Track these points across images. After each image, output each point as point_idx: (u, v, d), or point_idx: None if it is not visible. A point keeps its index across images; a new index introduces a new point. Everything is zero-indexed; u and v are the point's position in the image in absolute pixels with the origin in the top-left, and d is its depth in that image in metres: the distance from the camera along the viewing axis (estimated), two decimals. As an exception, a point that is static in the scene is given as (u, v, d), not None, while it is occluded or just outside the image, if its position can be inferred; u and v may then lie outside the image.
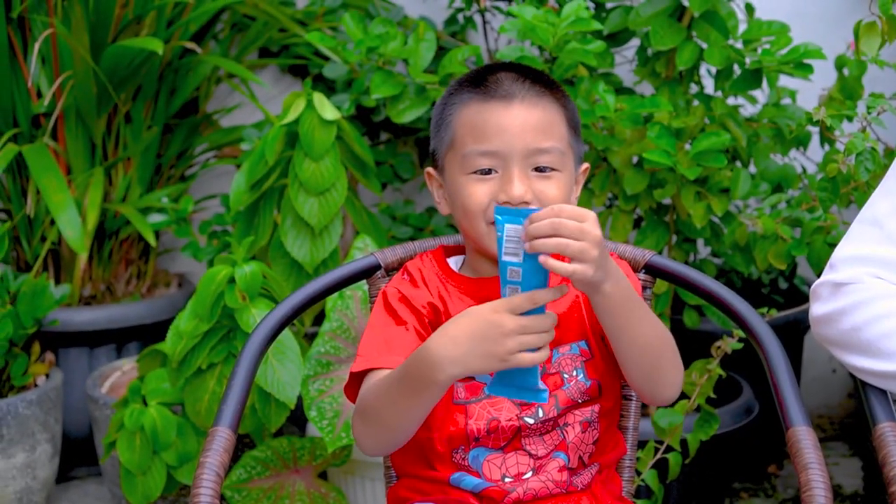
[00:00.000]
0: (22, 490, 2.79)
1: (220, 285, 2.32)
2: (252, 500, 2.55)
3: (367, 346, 1.63)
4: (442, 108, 1.68)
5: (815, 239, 2.38)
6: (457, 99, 1.65)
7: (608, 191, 2.58)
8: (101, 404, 2.80)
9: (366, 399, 1.58)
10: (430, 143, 1.71)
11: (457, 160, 1.63)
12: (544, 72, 1.70)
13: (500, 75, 1.64)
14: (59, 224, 2.89)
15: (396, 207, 3.17)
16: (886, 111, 2.18)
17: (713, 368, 2.39)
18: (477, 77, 1.65)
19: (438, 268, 1.69)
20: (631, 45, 2.80)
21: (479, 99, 1.62)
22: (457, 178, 1.63)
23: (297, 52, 3.33)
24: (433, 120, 1.70)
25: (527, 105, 1.61)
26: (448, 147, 1.65)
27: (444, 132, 1.66)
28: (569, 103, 1.67)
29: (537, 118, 1.60)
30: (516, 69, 1.66)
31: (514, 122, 1.60)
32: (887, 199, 1.72)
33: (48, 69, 3.11)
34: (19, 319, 2.81)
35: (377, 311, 1.66)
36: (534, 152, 1.59)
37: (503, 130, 1.59)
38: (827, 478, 1.57)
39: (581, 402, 1.63)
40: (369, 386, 1.58)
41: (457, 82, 1.69)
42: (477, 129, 1.61)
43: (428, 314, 1.64)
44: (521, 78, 1.64)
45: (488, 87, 1.62)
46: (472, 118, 1.62)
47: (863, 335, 1.66)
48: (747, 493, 3.07)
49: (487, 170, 1.60)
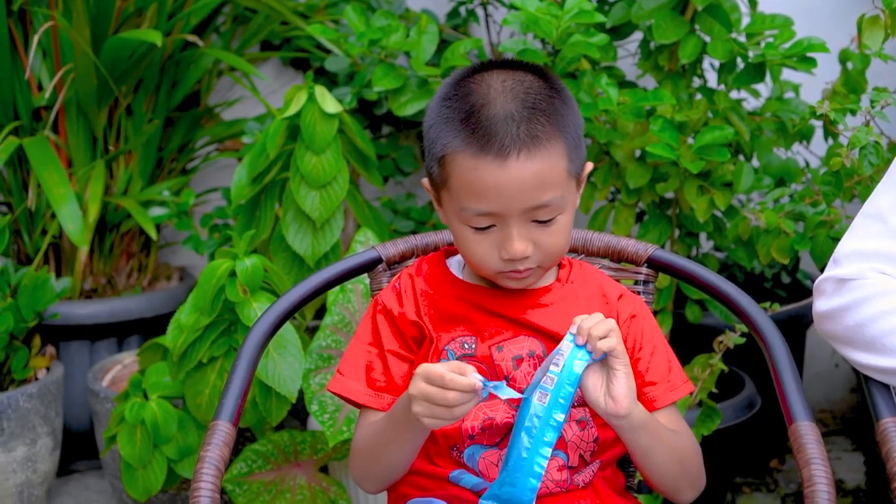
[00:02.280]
0: (22, 483, 2.79)
1: (222, 279, 2.32)
2: (253, 494, 2.55)
3: (348, 364, 1.66)
4: (433, 135, 1.58)
5: (818, 233, 2.37)
6: (447, 135, 1.55)
7: (610, 184, 2.57)
8: (101, 398, 2.80)
9: (359, 443, 1.64)
10: (423, 153, 1.64)
11: (453, 205, 1.57)
12: (540, 83, 1.58)
13: (493, 114, 1.52)
14: (60, 217, 2.89)
15: (398, 201, 3.16)
16: (890, 105, 2.17)
17: (715, 363, 2.38)
18: (469, 113, 1.54)
19: (435, 271, 1.67)
20: (634, 38, 2.79)
21: (473, 152, 1.52)
22: (455, 222, 1.59)
23: (299, 45, 3.32)
24: (424, 136, 1.62)
25: (523, 159, 1.51)
26: (442, 185, 1.58)
27: (436, 167, 1.58)
28: (568, 116, 1.57)
29: (534, 172, 1.52)
30: (510, 92, 1.54)
31: (511, 183, 1.51)
32: (891, 193, 1.72)
33: (49, 62, 3.10)
34: (20, 312, 2.81)
35: (364, 323, 1.67)
36: (532, 208, 1.54)
37: (500, 192, 1.52)
38: (830, 473, 1.57)
39: (577, 405, 1.63)
40: (361, 431, 1.64)
41: (446, 105, 1.57)
42: (473, 188, 1.53)
43: (412, 332, 1.64)
44: (514, 117, 1.52)
45: (481, 135, 1.52)
46: (467, 175, 1.53)
47: (867, 331, 1.66)
48: (749, 488, 3.07)
49: (486, 226, 1.56)
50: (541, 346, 1.62)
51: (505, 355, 1.61)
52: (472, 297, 1.63)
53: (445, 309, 1.64)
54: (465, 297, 1.64)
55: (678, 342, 1.71)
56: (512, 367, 1.61)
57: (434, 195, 1.63)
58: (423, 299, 1.65)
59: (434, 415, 1.46)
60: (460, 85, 1.58)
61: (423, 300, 1.65)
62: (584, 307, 1.64)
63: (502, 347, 1.62)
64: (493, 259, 1.57)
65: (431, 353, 1.63)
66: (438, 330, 1.63)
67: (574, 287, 1.66)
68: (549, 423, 1.49)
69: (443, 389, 1.45)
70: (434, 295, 1.65)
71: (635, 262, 1.82)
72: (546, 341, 1.62)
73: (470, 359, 1.61)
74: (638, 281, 1.82)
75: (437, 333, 1.63)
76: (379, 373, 1.64)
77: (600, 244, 1.82)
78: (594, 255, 1.82)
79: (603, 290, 1.68)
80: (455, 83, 1.59)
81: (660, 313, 2.57)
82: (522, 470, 1.50)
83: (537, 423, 1.49)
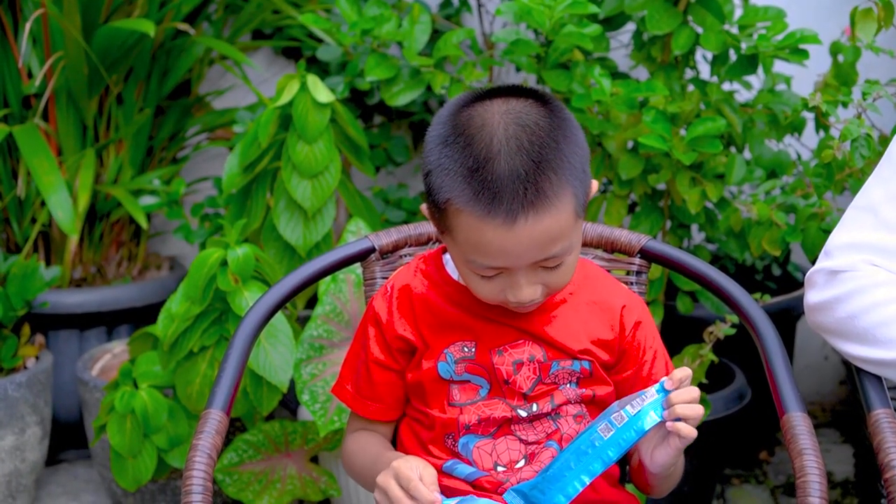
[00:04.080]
0: (11, 473, 2.78)
1: (213, 268, 2.31)
2: (243, 484, 2.54)
3: (347, 368, 1.69)
4: (434, 182, 1.50)
5: (809, 225, 2.37)
6: (449, 188, 1.47)
7: (603, 175, 2.57)
8: (91, 387, 2.79)
9: (347, 451, 1.71)
10: (426, 195, 1.55)
11: (458, 252, 1.53)
12: (543, 119, 1.48)
13: (498, 174, 1.44)
14: (50, 206, 2.88)
15: (390, 191, 3.15)
16: (882, 97, 2.17)
17: (705, 354, 2.38)
18: (472, 170, 1.45)
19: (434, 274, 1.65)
20: (627, 29, 2.79)
21: (478, 214, 1.45)
22: (459, 262, 1.55)
23: (291, 35, 3.31)
24: (424, 178, 1.52)
25: (532, 220, 1.45)
26: (445, 230, 1.52)
27: (438, 213, 1.51)
28: (574, 157, 1.48)
29: (543, 231, 1.46)
30: (513, 141, 1.46)
31: (520, 245, 1.46)
32: (882, 185, 1.72)
33: (39, 50, 3.09)
34: (9, 301, 2.80)
35: (358, 329, 1.69)
36: (541, 261, 1.50)
37: (507, 253, 1.47)
38: (822, 464, 1.57)
39: (575, 402, 1.63)
40: (350, 439, 1.70)
41: (446, 154, 1.48)
42: (479, 247, 1.48)
43: (399, 346, 1.64)
44: (521, 176, 1.44)
45: (486, 197, 1.44)
46: (473, 234, 1.47)
47: (859, 323, 1.66)
48: (739, 480, 3.07)
49: (492, 275, 1.52)
50: (541, 351, 1.61)
51: (505, 359, 1.60)
52: (470, 302, 1.62)
53: (444, 314, 1.62)
54: (464, 303, 1.62)
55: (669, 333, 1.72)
56: (512, 372, 1.60)
57: (434, 224, 1.57)
58: (419, 305, 1.63)
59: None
60: (457, 123, 1.49)
61: (419, 306, 1.63)
62: (585, 314, 1.63)
63: (503, 352, 1.61)
64: (499, 297, 1.55)
65: (429, 356, 1.62)
66: (437, 334, 1.62)
67: (576, 290, 1.64)
68: (601, 455, 1.50)
69: (405, 495, 1.49)
70: (432, 299, 1.63)
71: (628, 252, 1.82)
72: (547, 347, 1.61)
73: (470, 362, 1.61)
74: (630, 271, 1.82)
75: (436, 338, 1.62)
76: (365, 381, 1.67)
77: (593, 234, 1.82)
78: (587, 246, 1.82)
79: (606, 297, 1.65)
80: (451, 119, 1.51)
81: (651, 304, 2.57)
82: (557, 485, 1.51)
83: (590, 452, 1.50)
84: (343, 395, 1.69)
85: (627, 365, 1.65)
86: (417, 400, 1.64)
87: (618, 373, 1.65)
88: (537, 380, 1.60)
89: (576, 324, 1.62)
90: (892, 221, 1.68)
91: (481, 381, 1.61)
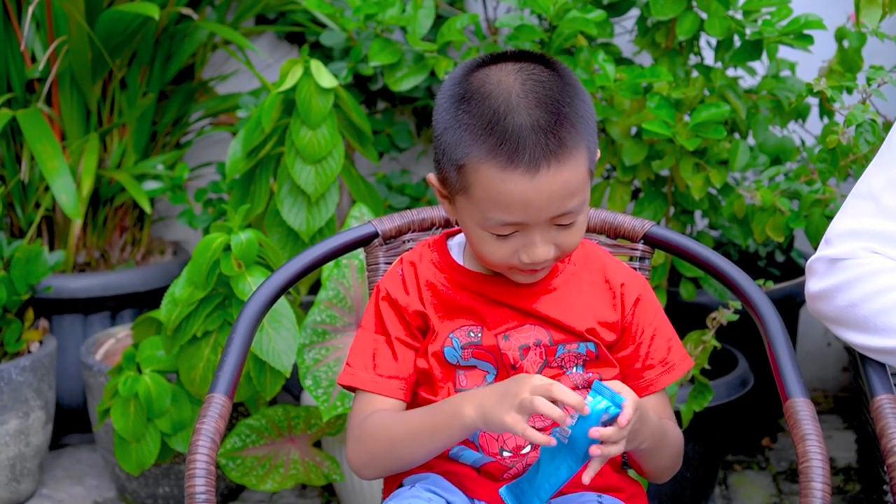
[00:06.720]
0: (15, 457, 2.79)
1: (216, 253, 2.31)
2: (246, 469, 2.55)
3: (356, 355, 1.64)
4: (450, 140, 1.51)
5: (813, 211, 2.37)
6: (468, 143, 1.49)
7: (606, 161, 2.57)
8: (94, 371, 2.79)
9: (369, 431, 1.58)
10: (436, 160, 1.57)
11: (473, 212, 1.53)
12: (555, 79, 1.51)
13: (519, 124, 1.47)
14: (54, 190, 2.88)
15: (393, 177, 3.15)
16: (887, 83, 2.17)
17: (708, 339, 2.38)
18: (492, 121, 1.48)
19: (439, 258, 1.65)
20: (630, 14, 2.78)
21: (501, 164, 1.47)
22: (472, 226, 1.55)
23: (295, 19, 3.31)
24: (437, 139, 1.56)
25: (553, 170, 1.47)
26: (460, 191, 1.53)
27: (454, 173, 1.52)
28: (587, 113, 1.52)
29: (563, 182, 1.48)
30: (531, 96, 1.48)
31: (541, 196, 1.48)
32: (882, 172, 1.71)
33: (42, 34, 3.08)
34: (13, 285, 2.80)
35: (368, 312, 1.66)
36: (558, 216, 1.51)
37: (528, 205, 1.48)
38: (825, 449, 1.57)
39: (581, 387, 1.63)
40: (372, 419, 1.59)
41: (463, 110, 1.50)
42: (500, 200, 1.49)
43: (417, 322, 1.63)
44: (542, 127, 1.47)
45: (509, 147, 1.46)
46: (494, 187, 1.48)
47: (859, 311, 1.66)
48: (741, 466, 3.08)
49: (509, 233, 1.53)
50: (547, 335, 1.61)
51: (511, 344, 1.60)
52: (476, 286, 1.62)
53: (450, 299, 1.63)
54: (470, 287, 1.62)
55: (672, 319, 1.71)
56: (519, 357, 1.60)
57: (443, 195, 1.58)
58: (426, 289, 1.63)
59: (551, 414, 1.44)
60: (472, 83, 1.52)
61: (426, 290, 1.63)
62: (587, 294, 1.63)
63: (509, 336, 1.61)
64: (511, 260, 1.55)
65: (435, 341, 1.62)
66: (443, 319, 1.62)
67: (577, 270, 1.65)
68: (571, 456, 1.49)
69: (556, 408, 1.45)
70: (438, 284, 1.63)
71: (632, 238, 1.82)
72: (552, 329, 1.61)
73: (476, 347, 1.61)
74: (634, 257, 1.82)
75: (442, 322, 1.62)
76: (387, 359, 1.62)
77: (597, 220, 1.82)
78: (591, 231, 1.82)
79: (606, 276, 1.66)
80: (465, 80, 1.53)
81: (654, 290, 2.57)
82: (538, 482, 1.50)
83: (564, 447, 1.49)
84: (357, 381, 1.62)
85: (626, 342, 1.65)
86: (425, 388, 1.64)
87: (617, 351, 1.65)
88: (543, 364, 1.60)
89: (580, 304, 1.62)
90: (892, 209, 1.67)
91: (488, 366, 1.61)
